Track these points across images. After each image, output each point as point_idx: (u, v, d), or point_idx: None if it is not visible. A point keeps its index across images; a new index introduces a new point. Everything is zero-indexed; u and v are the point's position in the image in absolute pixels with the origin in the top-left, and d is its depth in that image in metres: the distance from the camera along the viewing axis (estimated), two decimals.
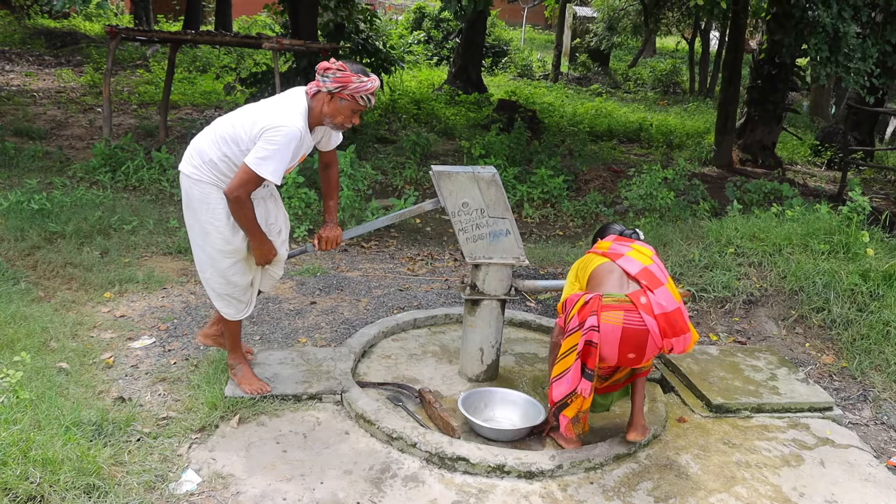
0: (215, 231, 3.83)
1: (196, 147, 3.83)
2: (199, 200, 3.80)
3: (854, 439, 4.36)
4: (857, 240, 6.24)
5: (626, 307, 3.66)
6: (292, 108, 3.72)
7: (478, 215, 4.29)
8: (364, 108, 3.79)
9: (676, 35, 25.92)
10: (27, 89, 14.15)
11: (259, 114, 3.73)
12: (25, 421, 3.54)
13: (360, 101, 3.75)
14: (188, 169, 3.81)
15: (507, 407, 4.34)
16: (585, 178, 10.26)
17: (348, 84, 3.70)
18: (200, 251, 3.95)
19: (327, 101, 3.76)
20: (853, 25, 8.40)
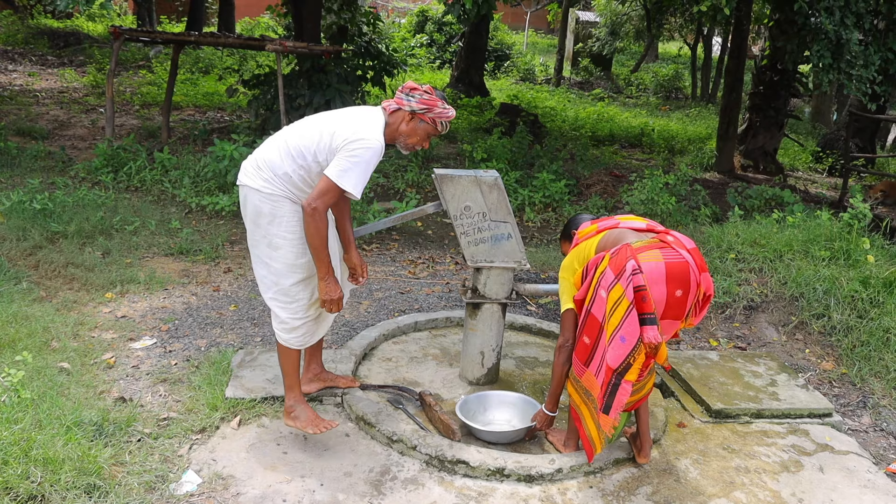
0: (287, 245, 3.69)
1: (265, 160, 3.67)
2: (271, 214, 3.66)
3: (853, 446, 4.36)
4: (857, 246, 6.24)
5: (660, 245, 3.56)
6: (373, 123, 3.63)
7: (479, 219, 4.30)
8: (438, 133, 3.77)
9: (679, 40, 25.94)
10: (30, 89, 14.17)
11: (339, 125, 3.61)
12: (27, 420, 3.55)
13: (439, 127, 3.73)
14: (258, 183, 3.64)
15: (504, 409, 4.34)
16: (587, 182, 10.27)
17: (433, 108, 3.67)
18: (265, 268, 3.78)
19: (407, 120, 3.69)
20: (856, 32, 8.41)
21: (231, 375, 4.48)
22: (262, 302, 5.86)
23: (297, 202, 3.65)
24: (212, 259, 6.70)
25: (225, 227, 7.53)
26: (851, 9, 8.33)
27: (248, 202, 3.71)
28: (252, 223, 3.74)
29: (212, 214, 7.84)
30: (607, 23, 23.83)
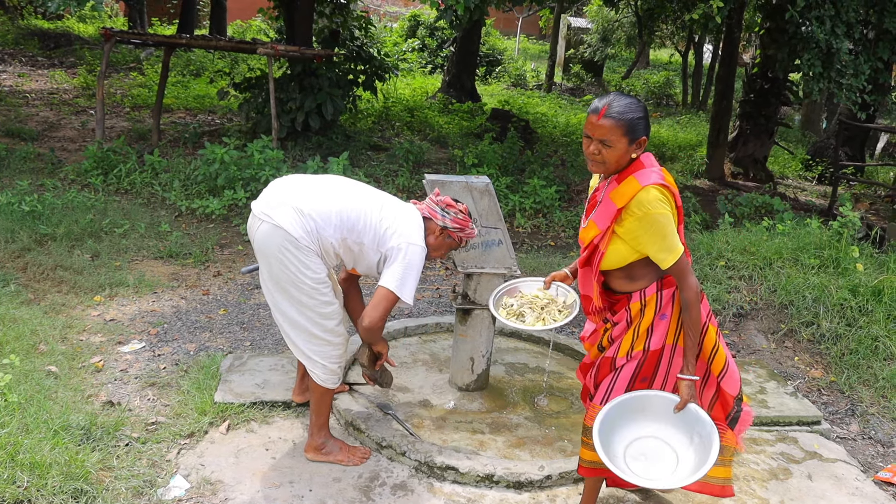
0: (318, 294, 3.54)
1: (313, 212, 3.49)
2: (302, 264, 3.47)
3: (842, 453, 4.37)
4: (847, 255, 6.27)
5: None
6: (419, 226, 3.64)
7: None
8: (457, 248, 3.86)
9: (670, 48, 26.00)
10: (20, 90, 14.10)
11: (389, 220, 3.56)
12: (13, 424, 3.53)
13: (463, 244, 3.83)
14: (297, 231, 3.44)
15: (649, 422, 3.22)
16: (577, 188, 10.28)
17: (465, 228, 3.74)
18: (300, 315, 3.59)
19: (437, 233, 3.71)
20: (846, 42, 8.46)
21: (220, 380, 4.47)
22: (252, 306, 5.85)
23: (324, 258, 3.59)
24: (201, 263, 6.68)
25: (215, 230, 7.51)
26: (842, 18, 8.38)
27: (273, 244, 3.46)
28: (279, 267, 3.49)
29: (202, 218, 7.81)
30: (599, 29, 23.88)
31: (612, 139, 2.89)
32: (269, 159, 8.34)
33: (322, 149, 10.69)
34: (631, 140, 2.92)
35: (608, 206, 3.01)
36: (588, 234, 3.11)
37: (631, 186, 2.94)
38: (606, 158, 2.94)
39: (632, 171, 2.98)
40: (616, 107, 2.89)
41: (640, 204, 2.91)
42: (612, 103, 2.90)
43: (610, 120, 2.88)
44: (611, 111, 2.88)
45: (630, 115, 2.89)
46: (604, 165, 2.98)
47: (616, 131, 2.88)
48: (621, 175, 3.01)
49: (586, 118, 2.94)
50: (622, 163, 2.98)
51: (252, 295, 6.08)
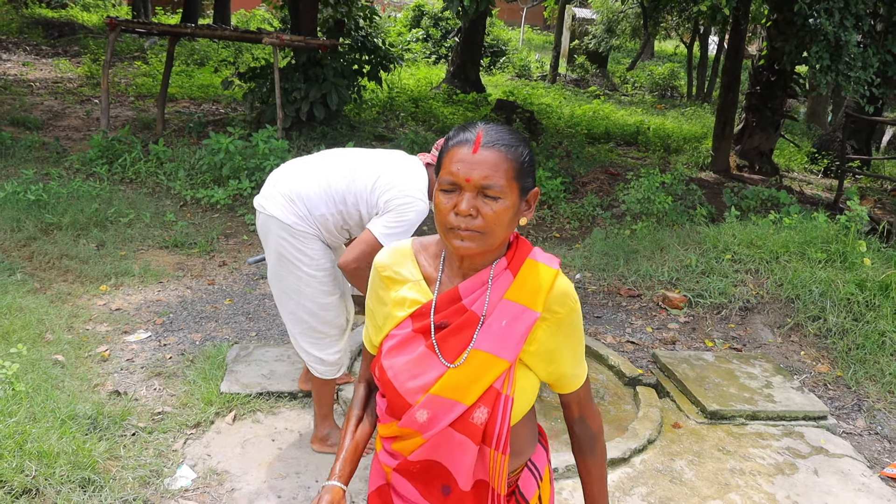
0: (316, 283, 3.49)
1: (301, 195, 3.41)
2: (299, 251, 3.44)
3: (848, 449, 4.37)
4: (854, 249, 6.25)
5: None
6: (419, 180, 3.38)
7: None
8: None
9: (675, 39, 25.94)
10: (24, 79, 14.09)
11: (386, 176, 3.36)
12: (21, 413, 3.54)
13: None
14: (289, 218, 3.40)
15: None
16: (583, 180, 10.26)
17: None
18: (297, 305, 3.56)
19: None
20: (855, 34, 8.41)
21: (226, 370, 4.47)
22: (257, 296, 5.84)
23: (326, 242, 3.50)
24: (207, 252, 6.68)
25: (220, 220, 7.50)
26: (851, 10, 8.33)
27: (270, 233, 3.46)
28: (276, 256, 3.50)
29: (207, 207, 7.80)
30: (604, 20, 23.82)
31: (499, 185, 1.70)
32: (273, 149, 8.33)
33: (327, 139, 10.67)
34: (523, 190, 1.77)
35: (508, 316, 1.79)
36: (474, 375, 1.77)
37: (538, 274, 1.82)
38: (490, 224, 1.71)
39: (525, 253, 1.86)
40: (496, 134, 1.75)
41: (564, 298, 1.82)
42: (488, 130, 1.75)
43: (494, 152, 1.72)
44: (490, 139, 1.73)
45: (520, 147, 1.77)
46: (482, 239, 1.73)
47: (505, 172, 1.72)
48: (513, 259, 1.84)
49: (446, 156, 1.75)
50: (507, 235, 1.80)
51: (258, 285, 6.07)
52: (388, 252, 1.92)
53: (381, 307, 1.90)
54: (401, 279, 1.88)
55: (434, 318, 1.81)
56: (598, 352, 5.13)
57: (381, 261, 1.91)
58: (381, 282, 1.90)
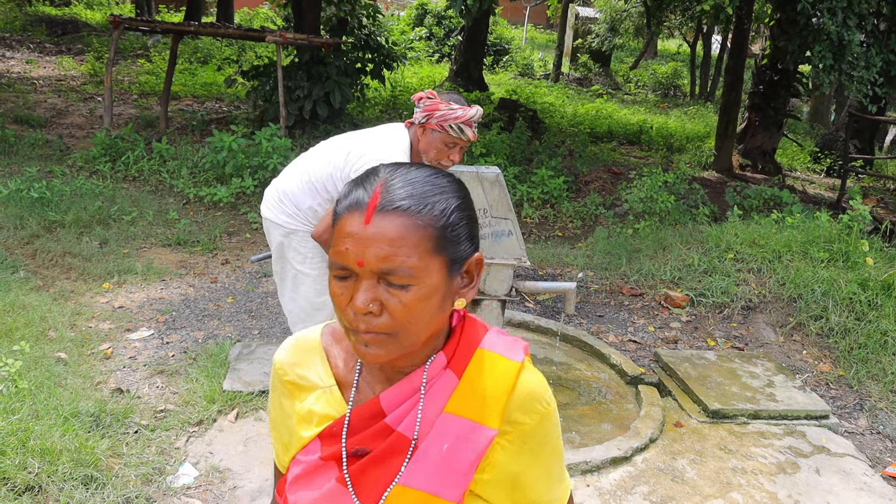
0: (311, 282, 3.49)
1: (286, 192, 3.44)
2: (294, 250, 3.47)
3: (850, 448, 4.37)
4: (856, 248, 6.25)
5: None
6: (393, 142, 3.30)
7: (480, 215, 4.28)
8: (458, 141, 3.28)
9: (678, 38, 25.93)
10: (28, 77, 14.10)
11: (356, 145, 3.34)
12: (24, 411, 3.54)
13: (451, 132, 3.24)
14: (280, 218, 3.44)
15: None
16: (585, 179, 10.26)
17: (434, 112, 3.25)
18: (293, 303, 3.61)
19: (420, 133, 3.32)
20: (858, 34, 8.40)
21: (228, 368, 4.47)
22: (260, 294, 5.85)
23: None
24: (209, 250, 6.68)
25: (223, 218, 7.51)
26: (854, 10, 8.33)
27: (271, 235, 3.53)
28: (277, 256, 3.55)
29: (209, 205, 7.81)
30: (607, 19, 23.79)
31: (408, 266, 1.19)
32: (276, 147, 8.33)
33: (330, 137, 10.67)
34: (453, 263, 1.25)
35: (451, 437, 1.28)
36: None
37: (494, 372, 1.33)
38: (401, 322, 1.21)
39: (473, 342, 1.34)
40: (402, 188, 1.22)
41: (531, 403, 1.33)
42: (390, 185, 1.22)
43: (397, 219, 1.19)
44: (390, 198, 1.20)
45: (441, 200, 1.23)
46: (393, 342, 1.23)
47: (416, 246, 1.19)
48: (455, 353, 1.33)
49: (336, 226, 1.23)
50: (434, 329, 1.27)
51: (260, 283, 6.08)
52: (291, 347, 1.39)
53: (285, 419, 1.38)
54: (307, 385, 1.35)
55: (347, 443, 1.28)
56: (600, 351, 5.14)
57: (282, 359, 1.38)
58: (284, 388, 1.38)
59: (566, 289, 4.40)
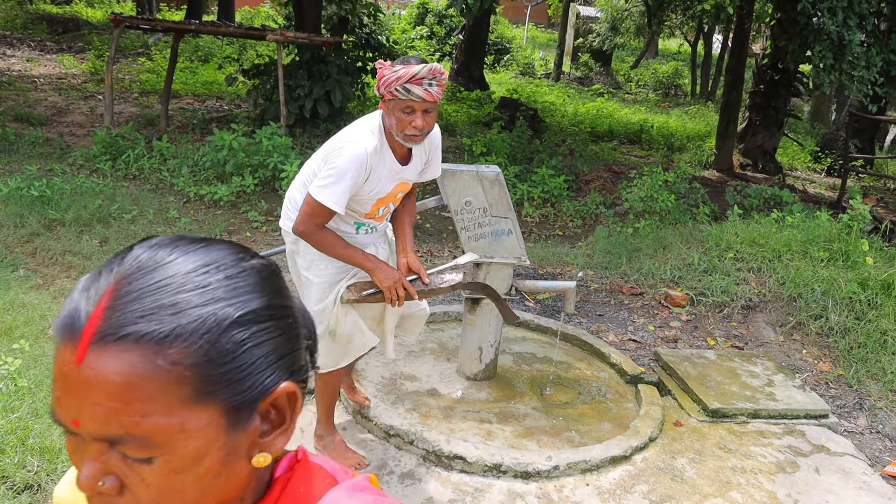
0: (315, 288, 3.36)
1: (290, 199, 3.40)
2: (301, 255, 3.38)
3: (849, 447, 4.37)
4: (856, 248, 6.25)
5: None
6: (363, 127, 3.16)
7: (480, 214, 4.29)
8: (412, 103, 3.02)
9: (679, 37, 25.94)
10: (28, 75, 14.11)
11: (334, 140, 3.24)
12: (23, 409, 3.55)
13: (400, 96, 2.99)
14: (287, 225, 3.35)
15: None
16: (586, 178, 10.26)
17: (381, 80, 3.05)
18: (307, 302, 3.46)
19: (386, 110, 3.14)
20: (858, 33, 8.41)
21: None
22: None
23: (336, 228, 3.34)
24: None
25: (223, 216, 7.51)
26: (854, 10, 8.33)
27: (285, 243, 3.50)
28: (290, 263, 3.50)
29: (210, 204, 7.81)
30: (608, 18, 23.80)
31: (145, 430, 0.77)
32: (277, 146, 8.33)
33: (330, 136, 10.66)
34: (236, 407, 0.82)
35: None
36: None
37: None
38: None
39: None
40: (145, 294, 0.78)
41: None
42: (125, 286, 0.78)
43: (123, 357, 0.76)
44: (118, 322, 0.76)
45: (207, 307, 0.79)
46: None
47: (157, 394, 0.76)
48: None
49: (56, 357, 0.80)
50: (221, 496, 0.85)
51: None
52: (67, 485, 1.04)
53: None
54: None
55: None
56: (599, 350, 5.14)
57: (59, 496, 1.04)
58: None
59: (566, 288, 4.40)
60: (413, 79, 2.98)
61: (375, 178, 3.16)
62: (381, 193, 3.24)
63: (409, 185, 3.41)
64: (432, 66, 3.01)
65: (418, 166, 3.40)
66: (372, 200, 3.25)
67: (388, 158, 3.20)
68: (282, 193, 7.74)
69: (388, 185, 3.24)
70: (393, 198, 3.38)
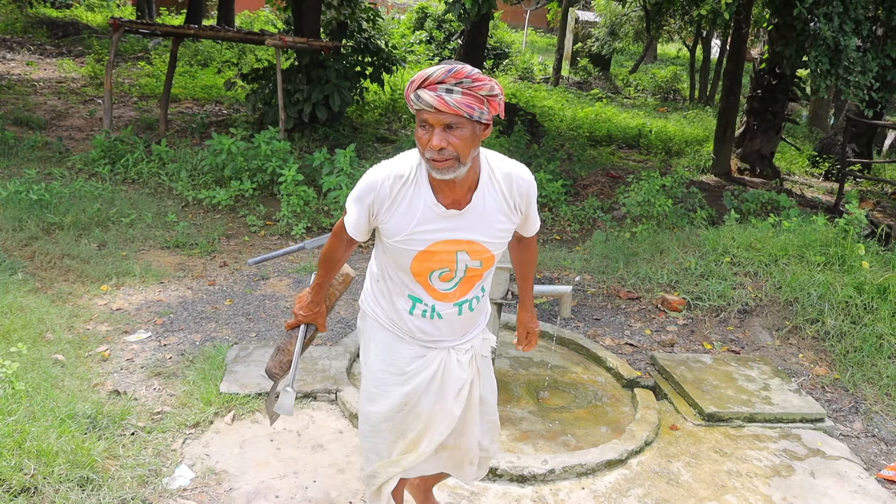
0: (366, 381, 2.79)
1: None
2: (363, 333, 2.85)
3: (845, 451, 4.38)
4: (852, 252, 6.27)
5: None
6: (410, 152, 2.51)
7: None
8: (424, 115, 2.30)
9: (678, 42, 25.96)
10: (28, 78, 14.13)
11: None
12: (21, 412, 3.55)
13: (414, 105, 2.31)
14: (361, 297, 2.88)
15: None
16: (584, 183, 10.28)
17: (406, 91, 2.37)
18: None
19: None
20: (854, 39, 8.43)
21: (225, 370, 4.49)
22: (258, 297, 5.86)
23: (387, 326, 2.72)
24: (208, 253, 6.70)
25: (221, 220, 7.52)
26: (850, 15, 8.36)
27: None
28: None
29: (208, 208, 7.83)
30: (607, 23, 23.83)
31: None
32: (275, 150, 8.35)
33: (329, 140, 10.69)
34: None
35: None
36: None
37: None
38: None
39: None
40: None
41: None
42: None
43: None
44: None
45: None
46: None
47: None
48: None
49: None
50: None
51: (258, 286, 6.10)
52: None
53: None
54: None
55: None
56: (596, 354, 5.15)
57: None
58: None
59: (562, 292, 4.41)
60: (426, 82, 2.30)
61: (401, 214, 2.46)
62: (420, 243, 2.48)
63: (481, 248, 2.53)
64: (453, 67, 2.32)
65: (489, 220, 2.52)
66: (407, 252, 2.51)
67: (425, 195, 2.45)
68: (280, 197, 7.76)
69: (427, 233, 2.46)
70: (451, 260, 2.53)
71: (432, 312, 2.62)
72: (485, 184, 2.48)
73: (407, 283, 2.59)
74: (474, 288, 2.65)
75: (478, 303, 2.71)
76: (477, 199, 2.47)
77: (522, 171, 2.56)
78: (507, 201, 2.52)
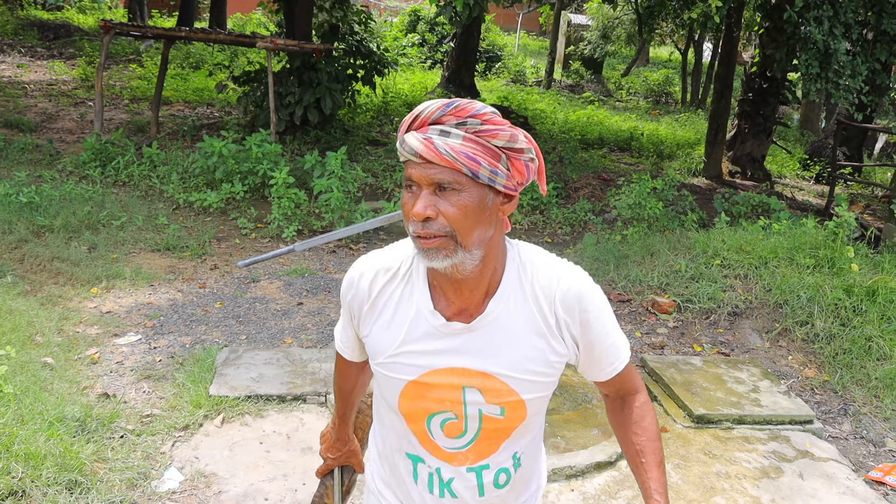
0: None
1: None
2: None
3: (833, 453, 4.39)
4: (842, 255, 6.29)
5: None
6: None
7: None
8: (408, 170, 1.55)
9: (670, 45, 26.00)
10: (18, 81, 14.08)
11: None
12: (8, 415, 3.54)
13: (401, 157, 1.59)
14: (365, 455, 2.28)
15: None
16: (575, 185, 10.30)
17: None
18: None
19: None
20: (844, 43, 8.47)
21: (215, 373, 4.48)
22: (248, 300, 5.85)
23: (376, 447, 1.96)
24: (198, 256, 6.69)
25: (212, 223, 7.51)
26: (840, 19, 8.40)
27: None
28: None
29: (199, 211, 7.82)
30: (599, 26, 23.86)
31: None
32: (267, 153, 8.34)
33: (320, 143, 10.69)
34: None
35: None
36: None
37: None
38: None
39: None
40: None
41: None
42: None
43: None
44: None
45: None
46: None
47: None
48: None
49: None
50: None
51: (248, 289, 6.09)
52: None
53: None
54: None
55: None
56: None
57: None
58: None
59: None
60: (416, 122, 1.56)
61: (383, 324, 1.70)
62: (408, 370, 1.68)
63: (500, 385, 1.67)
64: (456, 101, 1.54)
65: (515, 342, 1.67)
66: (393, 381, 1.71)
67: (419, 298, 1.66)
68: (271, 200, 7.75)
69: (418, 354, 1.66)
70: (456, 401, 1.67)
71: (439, 481, 1.76)
72: (510, 287, 1.66)
73: (400, 433, 1.78)
74: (500, 451, 1.73)
75: (509, 477, 1.77)
76: (496, 309, 1.64)
77: (574, 275, 1.74)
78: (546, 319, 1.68)
